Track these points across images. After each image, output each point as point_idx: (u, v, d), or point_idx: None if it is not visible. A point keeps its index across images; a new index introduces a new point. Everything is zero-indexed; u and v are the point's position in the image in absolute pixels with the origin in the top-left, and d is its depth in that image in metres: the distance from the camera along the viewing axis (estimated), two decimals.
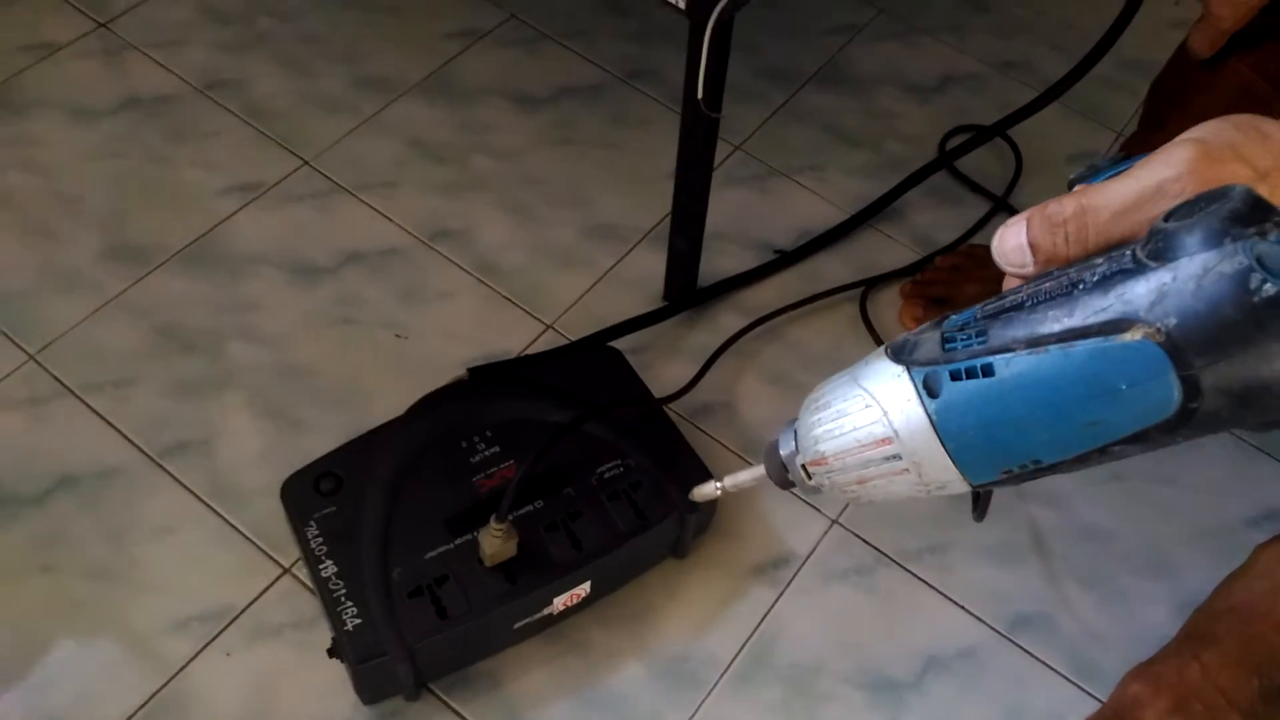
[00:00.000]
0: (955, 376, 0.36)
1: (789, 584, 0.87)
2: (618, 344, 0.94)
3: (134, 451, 0.89)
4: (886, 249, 1.08)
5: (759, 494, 0.92)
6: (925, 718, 0.81)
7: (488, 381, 0.91)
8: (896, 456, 0.38)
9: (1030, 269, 0.38)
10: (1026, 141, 1.15)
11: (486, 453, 0.83)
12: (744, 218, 1.10)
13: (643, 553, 0.84)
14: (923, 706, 0.82)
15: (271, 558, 0.85)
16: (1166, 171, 0.36)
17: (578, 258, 1.05)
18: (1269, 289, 0.30)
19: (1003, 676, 0.84)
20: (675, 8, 0.76)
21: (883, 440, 0.38)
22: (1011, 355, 0.35)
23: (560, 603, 0.80)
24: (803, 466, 0.42)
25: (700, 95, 0.78)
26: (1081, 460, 0.36)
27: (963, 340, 0.36)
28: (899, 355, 0.38)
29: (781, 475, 0.44)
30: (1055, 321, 0.34)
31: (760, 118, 1.18)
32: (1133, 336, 0.32)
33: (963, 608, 0.87)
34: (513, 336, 0.99)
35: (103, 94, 1.12)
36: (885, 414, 0.37)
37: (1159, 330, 0.32)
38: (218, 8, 1.21)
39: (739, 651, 0.83)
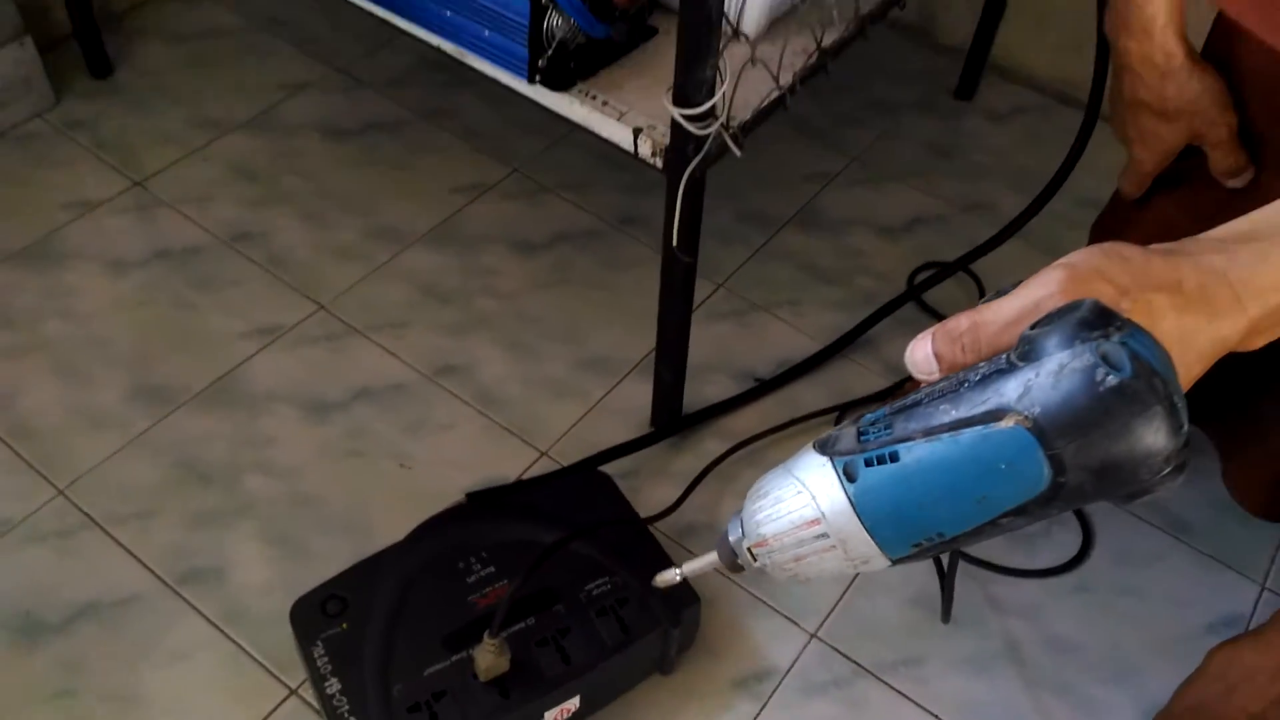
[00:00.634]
0: (869, 464, 0.42)
1: (770, 698, 0.91)
2: (608, 468, 1.01)
3: (153, 579, 0.95)
4: (859, 377, 1.16)
5: (739, 610, 0.96)
6: None
7: (485, 506, 0.97)
8: (825, 535, 0.43)
9: (936, 375, 0.45)
10: (988, 274, 1.23)
11: (482, 573, 0.88)
12: (726, 349, 1.17)
13: (629, 667, 0.88)
14: None
15: (279, 679, 0.90)
16: (1042, 291, 0.42)
17: (570, 389, 1.13)
18: (1112, 380, 0.37)
19: None
20: (653, 167, 0.85)
21: (812, 521, 0.43)
22: (912, 444, 0.41)
23: (551, 717, 0.84)
24: (748, 549, 0.47)
25: (675, 242, 0.87)
26: (977, 532, 0.41)
27: (874, 433, 0.42)
28: (824, 448, 0.44)
29: (731, 559, 0.49)
30: (945, 414, 0.40)
31: (741, 258, 1.27)
32: (1007, 424, 0.38)
33: (939, 719, 0.91)
34: (510, 464, 1.06)
35: (135, 247, 1.22)
36: (814, 498, 0.43)
37: (1027, 418, 0.38)
38: (246, 166, 1.33)
39: None
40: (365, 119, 1.40)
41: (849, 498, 0.42)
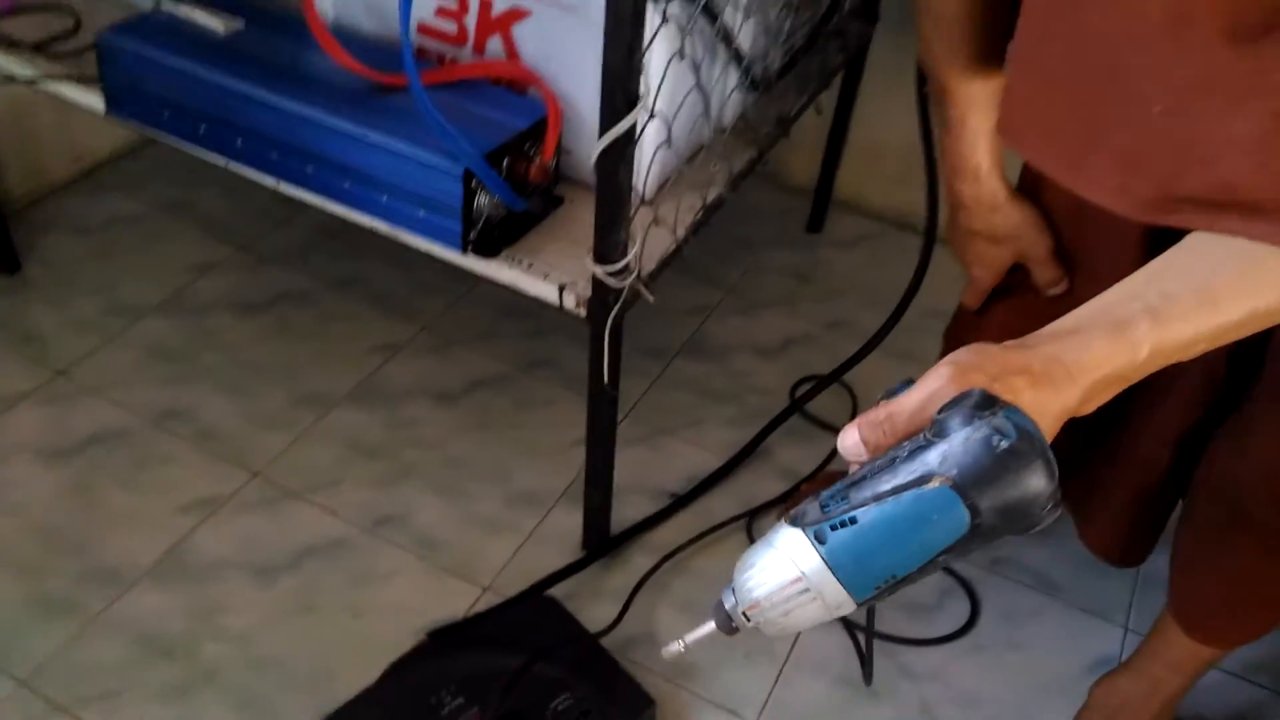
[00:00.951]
0: (834, 528, 0.54)
1: None
2: (549, 592, 1.09)
3: None
4: (761, 483, 1.29)
5: (687, 708, 1.06)
6: None
7: (446, 642, 1.04)
8: (806, 589, 0.54)
9: (865, 456, 0.57)
10: (859, 383, 1.40)
11: (453, 704, 0.95)
12: (641, 471, 1.29)
13: None
14: None
15: None
16: (937, 384, 0.56)
17: (503, 524, 1.22)
18: (1004, 444, 0.50)
19: None
20: (577, 316, 0.98)
21: (795, 580, 0.54)
22: (866, 508, 0.53)
23: None
24: (742, 613, 0.57)
25: (606, 380, 0.99)
26: (922, 569, 0.53)
27: (833, 504, 0.54)
28: (795, 521, 0.55)
29: (727, 624, 0.59)
30: (887, 483, 0.53)
31: (643, 388, 1.40)
32: (934, 484, 0.51)
33: None
34: (456, 601, 1.13)
35: (65, 435, 1.26)
36: (793, 562, 0.54)
37: (949, 478, 0.51)
38: (164, 347, 1.39)
39: None
40: (274, 292, 1.49)
41: (822, 557, 0.53)
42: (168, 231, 1.57)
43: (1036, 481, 0.51)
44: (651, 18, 0.82)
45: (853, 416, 1.36)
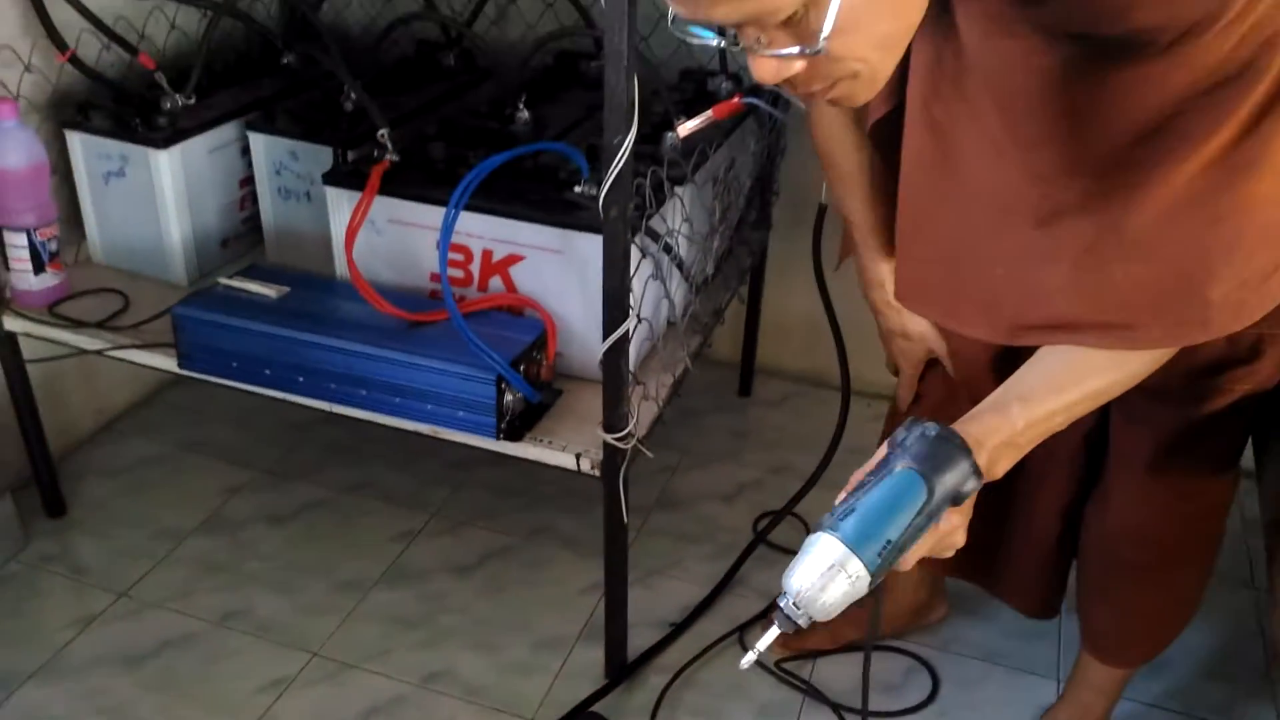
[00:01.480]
0: (841, 519, 0.80)
1: None
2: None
3: None
4: (743, 604, 1.54)
5: None
6: None
7: None
8: (832, 565, 0.78)
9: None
10: (808, 513, 1.68)
11: None
12: (642, 608, 1.51)
13: None
14: None
15: None
16: (883, 453, 0.85)
17: (535, 666, 1.44)
18: (935, 431, 0.80)
19: None
20: (591, 475, 1.25)
21: (823, 562, 0.79)
22: (859, 500, 0.80)
23: None
24: (793, 604, 0.80)
25: (624, 519, 1.25)
26: (905, 534, 0.79)
27: (839, 509, 0.81)
28: (819, 528, 0.81)
29: (786, 621, 0.80)
30: (871, 485, 0.81)
31: (630, 539, 1.66)
32: (899, 469, 0.80)
33: None
34: None
35: (142, 643, 1.45)
36: (819, 549, 0.79)
37: (907, 464, 0.80)
38: (211, 561, 1.59)
39: None
40: (298, 503, 1.72)
41: (837, 537, 0.80)
42: (191, 465, 1.80)
43: (961, 454, 0.81)
44: (634, 255, 1.14)
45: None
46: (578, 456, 1.25)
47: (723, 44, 0.74)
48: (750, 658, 0.83)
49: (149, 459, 1.80)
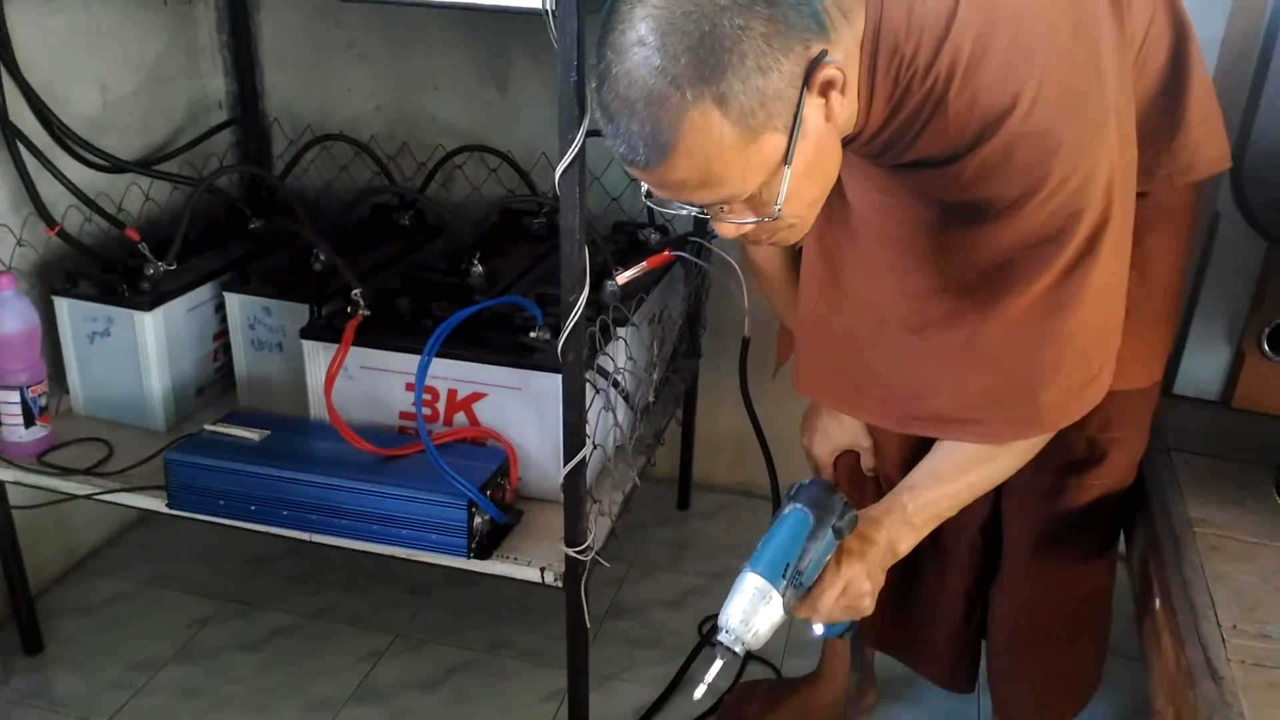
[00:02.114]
0: (755, 557, 1.00)
1: None
2: None
3: None
4: (692, 704, 1.68)
5: None
6: None
7: None
8: (755, 592, 0.98)
9: None
10: None
11: None
12: (600, 710, 1.65)
13: None
14: None
15: None
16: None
17: None
18: (814, 480, 1.01)
19: None
20: (555, 587, 1.40)
21: (745, 591, 0.98)
22: (766, 538, 1.01)
23: None
24: (729, 634, 0.99)
25: (585, 625, 1.40)
26: (801, 557, 1.00)
27: (755, 552, 1.01)
28: (741, 570, 1.00)
29: (727, 652, 0.99)
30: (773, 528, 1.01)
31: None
32: (787, 510, 1.00)
33: None
34: None
35: None
36: (743, 584, 0.99)
37: (796, 504, 1.00)
38: (188, 688, 1.68)
39: None
40: (268, 630, 1.82)
41: (753, 571, 1.00)
42: (161, 599, 1.89)
43: (831, 492, 1.02)
44: (588, 391, 1.33)
45: (738, 679, 1.83)
46: (542, 570, 1.40)
47: (694, 213, 0.98)
48: (701, 689, 1.00)
49: (120, 595, 1.89)
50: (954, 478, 1.10)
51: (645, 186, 0.92)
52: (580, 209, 1.17)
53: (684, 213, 0.99)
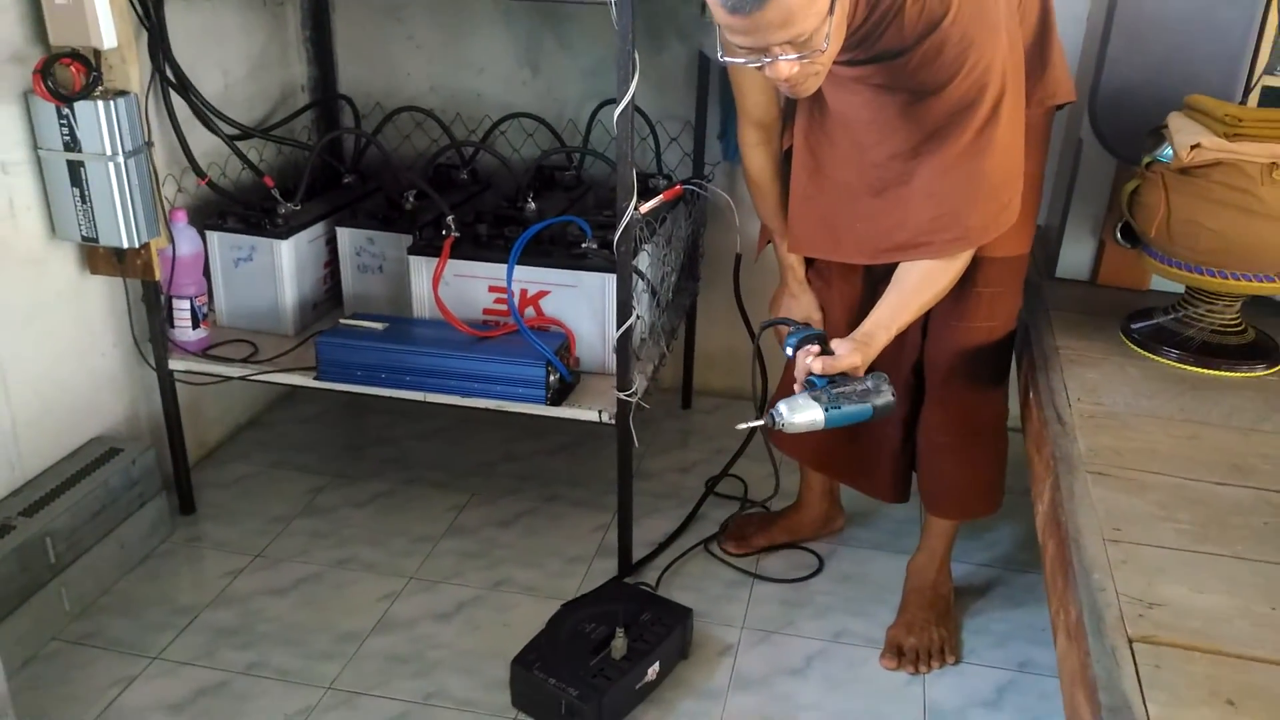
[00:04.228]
0: (827, 409, 1.48)
1: (737, 647, 1.86)
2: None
3: None
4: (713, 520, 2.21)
5: (704, 624, 1.92)
6: None
7: (575, 606, 1.87)
8: (814, 424, 1.49)
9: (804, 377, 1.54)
10: (747, 483, 2.37)
11: (595, 629, 1.78)
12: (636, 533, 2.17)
13: (671, 650, 1.80)
14: None
15: None
16: (845, 348, 1.54)
17: (568, 573, 2.06)
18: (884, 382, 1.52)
19: None
20: (609, 424, 1.92)
21: (810, 423, 1.49)
22: (848, 406, 1.48)
23: (649, 672, 1.73)
24: (774, 417, 1.48)
25: (635, 444, 1.92)
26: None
27: (828, 395, 1.49)
28: (818, 402, 1.49)
29: (770, 419, 1.46)
30: (855, 398, 1.49)
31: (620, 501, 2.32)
32: (865, 404, 1.50)
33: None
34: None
35: (286, 579, 2.02)
36: (813, 419, 1.49)
37: (870, 400, 1.50)
38: (319, 531, 2.18)
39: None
40: (370, 493, 2.33)
41: (826, 415, 1.48)
42: (281, 478, 2.38)
43: (890, 392, 1.50)
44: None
45: (739, 512, 2.35)
46: (600, 412, 1.92)
47: (754, 64, 1.33)
48: (743, 425, 1.50)
49: (247, 475, 2.38)
50: (910, 301, 1.60)
51: (721, 52, 1.37)
52: (630, 140, 1.69)
53: (747, 63, 1.33)
